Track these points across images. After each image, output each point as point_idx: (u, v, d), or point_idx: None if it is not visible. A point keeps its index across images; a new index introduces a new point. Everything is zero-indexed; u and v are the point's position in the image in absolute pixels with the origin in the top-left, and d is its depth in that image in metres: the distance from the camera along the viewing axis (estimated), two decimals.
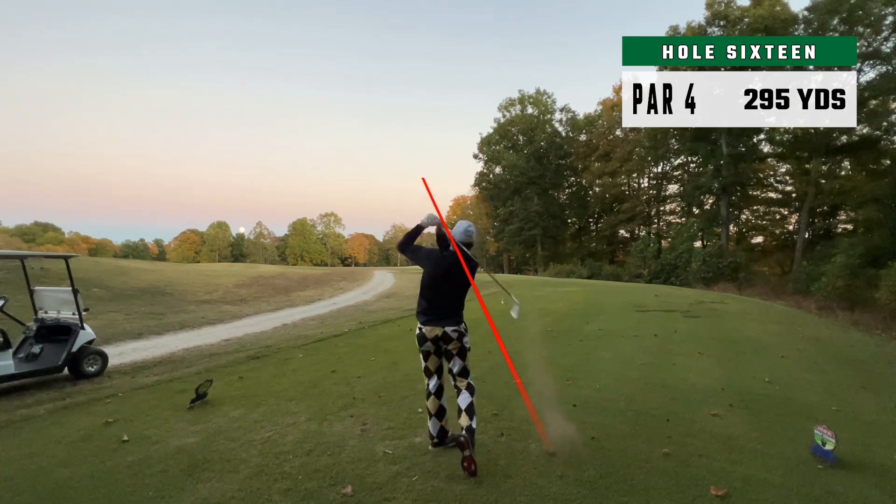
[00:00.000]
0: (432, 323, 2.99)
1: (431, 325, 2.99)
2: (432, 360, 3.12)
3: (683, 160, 36.61)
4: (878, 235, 20.32)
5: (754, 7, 25.93)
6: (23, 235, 69.50)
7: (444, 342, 3.01)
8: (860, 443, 3.29)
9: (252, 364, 6.09)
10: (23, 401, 4.97)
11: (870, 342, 8.18)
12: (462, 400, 2.96)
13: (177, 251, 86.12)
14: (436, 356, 3.11)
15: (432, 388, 3.11)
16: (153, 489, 2.71)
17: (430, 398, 3.12)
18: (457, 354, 3.04)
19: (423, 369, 3.16)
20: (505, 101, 45.89)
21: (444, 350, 3.06)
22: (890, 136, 24.13)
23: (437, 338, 3.00)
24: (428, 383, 3.14)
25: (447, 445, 3.11)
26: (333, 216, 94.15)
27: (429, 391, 3.13)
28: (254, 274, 24.43)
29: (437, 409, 3.10)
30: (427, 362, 3.13)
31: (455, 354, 3.04)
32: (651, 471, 2.84)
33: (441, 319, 2.99)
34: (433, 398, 3.10)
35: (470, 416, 2.89)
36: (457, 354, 3.04)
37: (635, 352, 6.31)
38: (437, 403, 3.10)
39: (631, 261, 34.38)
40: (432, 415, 3.12)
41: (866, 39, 22.79)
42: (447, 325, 2.97)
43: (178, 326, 10.48)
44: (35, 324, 6.12)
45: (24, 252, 7.54)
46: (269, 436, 3.47)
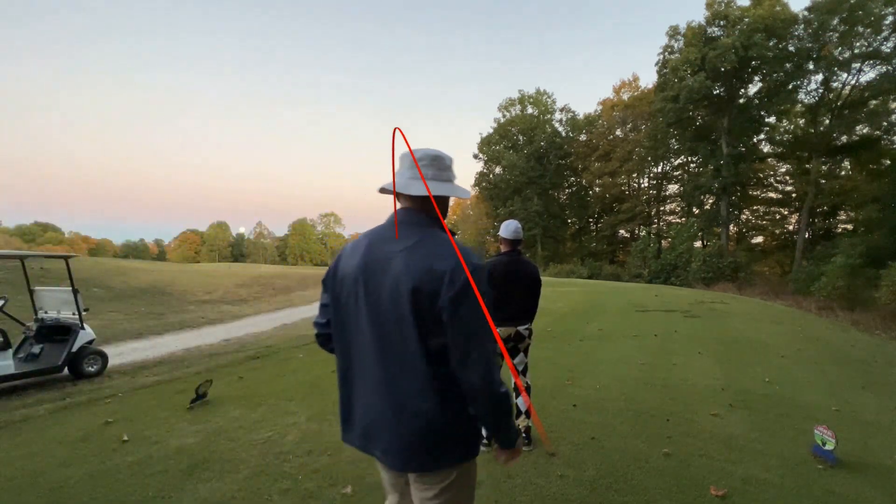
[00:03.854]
0: (507, 323, 3.07)
1: (505, 327, 3.07)
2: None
3: (683, 160, 36.59)
4: (878, 235, 20.30)
5: (754, 7, 25.91)
6: (23, 235, 69.45)
7: (517, 341, 3.12)
8: (860, 443, 3.29)
9: (252, 364, 6.09)
10: (23, 401, 4.97)
11: (870, 342, 8.18)
12: (520, 402, 3.10)
13: (177, 251, 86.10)
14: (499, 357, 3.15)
15: None
16: (153, 489, 2.71)
17: None
18: (523, 351, 3.18)
19: None
20: (505, 101, 45.85)
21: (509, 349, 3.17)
22: (890, 136, 24.12)
23: (508, 337, 3.09)
24: None
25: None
26: (333, 216, 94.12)
27: None
28: (254, 274, 24.42)
29: None
30: None
31: (522, 351, 3.17)
32: (651, 471, 2.84)
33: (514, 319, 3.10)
34: None
35: (528, 416, 3.04)
36: (523, 351, 3.18)
37: (635, 352, 6.31)
38: None
39: (631, 261, 34.36)
40: None
41: (866, 39, 22.80)
42: (519, 325, 3.09)
43: (178, 326, 10.49)
44: (35, 324, 6.13)
45: (24, 252, 7.54)
46: (269, 436, 3.47)
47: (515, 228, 3.14)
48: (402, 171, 1.31)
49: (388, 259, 1.20)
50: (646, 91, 38.41)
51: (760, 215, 34.56)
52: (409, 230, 1.24)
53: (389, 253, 1.21)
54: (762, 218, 34.44)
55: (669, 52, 30.37)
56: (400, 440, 1.20)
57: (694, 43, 27.21)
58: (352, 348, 1.29)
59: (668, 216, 40.18)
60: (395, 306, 1.16)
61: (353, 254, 1.29)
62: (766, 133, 29.96)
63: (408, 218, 1.28)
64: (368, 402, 1.26)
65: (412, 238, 1.21)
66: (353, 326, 1.27)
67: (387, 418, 1.21)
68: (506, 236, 3.11)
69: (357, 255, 1.27)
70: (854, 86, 24.48)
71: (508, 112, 45.69)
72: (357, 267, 1.25)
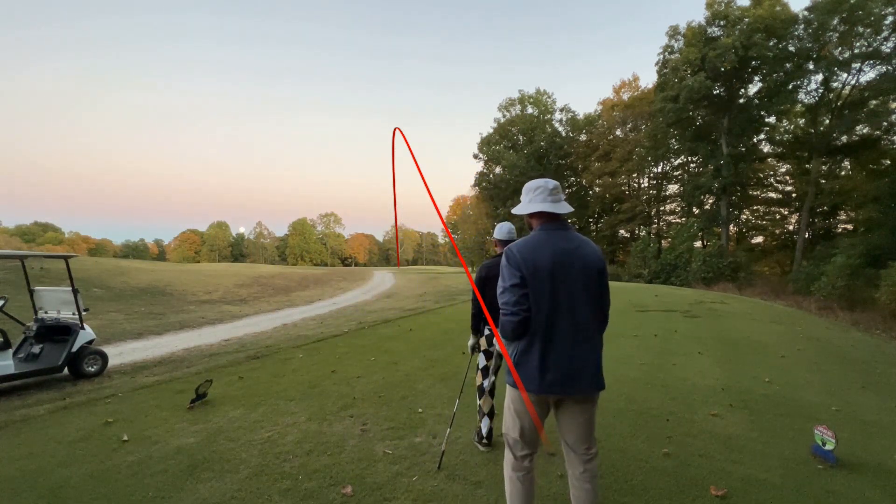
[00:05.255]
0: None
1: None
2: (494, 360, 3.20)
3: (683, 160, 36.58)
4: (878, 235, 20.29)
5: (754, 7, 25.91)
6: (23, 235, 69.51)
7: None
8: (860, 443, 3.29)
9: (252, 364, 6.09)
10: (23, 401, 4.97)
11: (870, 342, 8.18)
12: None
13: (177, 251, 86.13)
14: (498, 357, 3.19)
15: (487, 386, 3.18)
16: (153, 489, 2.71)
17: (483, 396, 3.19)
18: None
19: (481, 368, 3.23)
20: (505, 101, 45.87)
21: None
22: (890, 136, 24.10)
23: None
24: (483, 381, 3.21)
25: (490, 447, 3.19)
26: (333, 216, 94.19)
27: (483, 389, 3.20)
28: (254, 274, 24.43)
29: (490, 409, 3.19)
30: (489, 361, 3.20)
31: None
32: (651, 471, 2.84)
33: None
34: (487, 396, 3.18)
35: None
36: None
37: (635, 352, 6.31)
38: (491, 402, 3.19)
39: (631, 261, 34.34)
40: (485, 414, 3.17)
41: (866, 39, 22.79)
42: None
43: (178, 326, 10.49)
44: (35, 324, 6.12)
45: (24, 252, 7.53)
46: (269, 436, 3.47)
47: (509, 230, 3.17)
48: (553, 196, 1.97)
49: (575, 250, 1.89)
50: (646, 91, 38.40)
51: (760, 215, 34.56)
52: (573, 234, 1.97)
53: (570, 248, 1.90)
54: (762, 218, 34.44)
55: (669, 52, 30.36)
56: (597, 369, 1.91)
57: (694, 43, 27.21)
58: (557, 313, 1.83)
59: (668, 216, 40.18)
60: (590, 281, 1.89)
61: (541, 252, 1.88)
62: (766, 133, 29.93)
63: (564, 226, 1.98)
64: (572, 351, 1.85)
65: (578, 238, 1.95)
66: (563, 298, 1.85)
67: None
68: (500, 237, 3.16)
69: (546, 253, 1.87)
70: (854, 86, 24.47)
71: (508, 112, 45.69)
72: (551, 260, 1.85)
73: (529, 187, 2.03)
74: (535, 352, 1.83)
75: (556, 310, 1.83)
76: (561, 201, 1.98)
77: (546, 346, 1.83)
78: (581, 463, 1.97)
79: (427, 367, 5.55)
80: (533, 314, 1.82)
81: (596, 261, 1.90)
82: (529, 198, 2.01)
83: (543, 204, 1.95)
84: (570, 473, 2.02)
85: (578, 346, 1.84)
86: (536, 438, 2.02)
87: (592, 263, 1.89)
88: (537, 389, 1.84)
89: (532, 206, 1.97)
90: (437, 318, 10.27)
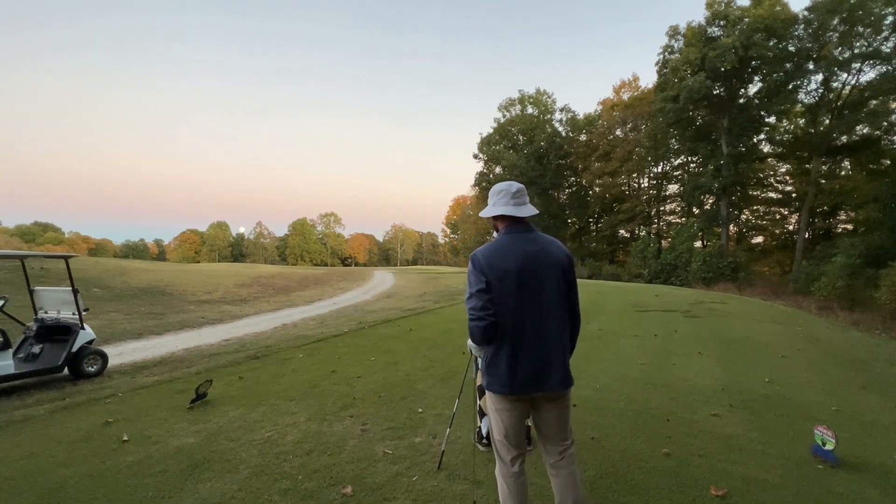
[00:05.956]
0: None
1: None
2: None
3: (683, 160, 36.57)
4: (878, 235, 20.30)
5: (754, 7, 25.91)
6: (23, 235, 69.48)
7: None
8: (860, 443, 3.29)
9: (252, 364, 6.09)
10: (23, 401, 4.97)
11: (870, 342, 8.18)
12: None
13: (177, 251, 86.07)
14: None
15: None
16: (153, 489, 2.71)
17: (483, 396, 3.17)
18: None
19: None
20: (505, 101, 45.84)
21: None
22: (890, 136, 24.11)
23: None
24: (483, 381, 3.17)
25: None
26: (333, 216, 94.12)
27: (483, 388, 3.16)
28: (254, 274, 24.43)
29: None
30: None
31: None
32: (651, 471, 2.84)
33: None
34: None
35: None
36: None
37: (635, 352, 6.31)
38: None
39: (631, 261, 34.34)
40: (485, 414, 3.15)
41: (866, 39, 22.79)
42: None
43: (178, 326, 10.48)
44: (35, 324, 6.12)
45: (24, 252, 7.53)
46: (269, 436, 3.47)
47: None
48: (516, 199, 2.01)
49: (539, 252, 1.94)
50: (646, 91, 38.39)
51: (760, 215, 34.55)
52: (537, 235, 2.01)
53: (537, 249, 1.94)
54: (762, 218, 34.42)
55: (669, 52, 30.35)
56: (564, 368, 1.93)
57: (694, 43, 27.21)
58: (525, 316, 1.87)
59: (668, 216, 40.18)
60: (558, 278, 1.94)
61: (506, 255, 1.92)
62: (766, 133, 29.93)
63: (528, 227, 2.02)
64: (539, 352, 1.88)
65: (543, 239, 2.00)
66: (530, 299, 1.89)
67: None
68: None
69: (512, 254, 1.91)
70: (854, 86, 24.47)
71: (508, 112, 45.67)
72: (518, 261, 1.90)
73: (494, 191, 2.07)
74: (504, 355, 1.88)
75: (523, 313, 1.87)
76: (525, 204, 2.02)
77: (515, 349, 1.87)
78: (558, 452, 2.01)
79: (427, 367, 5.55)
80: (500, 318, 1.86)
81: (562, 260, 1.95)
82: (494, 201, 2.04)
83: (506, 207, 1.99)
84: (549, 463, 2.05)
85: (546, 346, 1.89)
86: (522, 440, 2.04)
87: (558, 263, 1.93)
88: (509, 391, 1.89)
89: (496, 210, 2.01)
90: (437, 318, 10.27)
